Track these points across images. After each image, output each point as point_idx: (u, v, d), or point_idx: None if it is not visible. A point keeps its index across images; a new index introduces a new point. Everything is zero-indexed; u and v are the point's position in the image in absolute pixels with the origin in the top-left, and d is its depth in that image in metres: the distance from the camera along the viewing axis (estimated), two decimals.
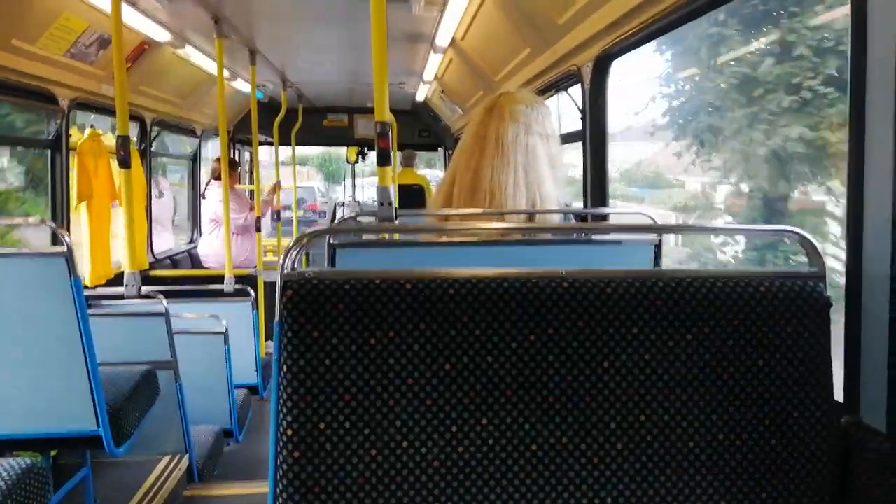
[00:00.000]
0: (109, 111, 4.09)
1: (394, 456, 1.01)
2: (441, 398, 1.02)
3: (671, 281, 1.07)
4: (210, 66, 4.90)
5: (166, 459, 3.03)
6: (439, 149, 8.43)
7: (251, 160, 7.11)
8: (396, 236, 1.71)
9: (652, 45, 2.86)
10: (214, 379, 3.52)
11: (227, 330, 3.54)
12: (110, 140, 4.29)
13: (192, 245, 6.32)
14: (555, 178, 1.73)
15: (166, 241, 6.10)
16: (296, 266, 1.09)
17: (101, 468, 2.85)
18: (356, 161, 9.15)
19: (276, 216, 6.41)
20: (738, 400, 1.07)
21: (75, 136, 4.00)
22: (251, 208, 5.79)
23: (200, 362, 3.38)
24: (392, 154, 2.15)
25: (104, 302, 2.92)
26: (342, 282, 1.03)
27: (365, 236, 1.73)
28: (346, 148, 9.26)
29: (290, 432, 0.99)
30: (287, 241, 4.47)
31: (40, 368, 2.08)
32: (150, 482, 2.84)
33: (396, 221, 1.83)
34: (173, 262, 5.74)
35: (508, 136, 1.68)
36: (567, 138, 2.96)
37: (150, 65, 4.52)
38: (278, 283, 1.03)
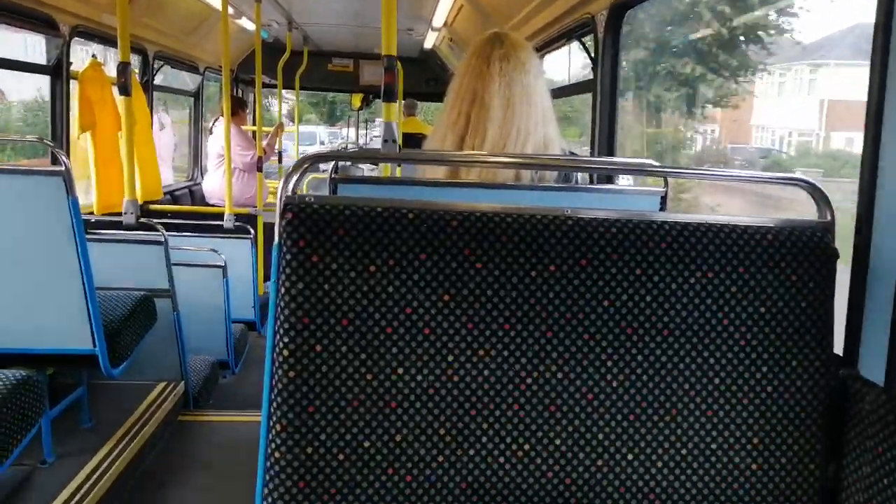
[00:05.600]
0: (111, 41, 4.01)
1: (389, 381, 1.01)
2: (439, 328, 1.01)
3: (676, 225, 1.06)
4: (215, 2, 4.79)
5: (162, 385, 3.07)
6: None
7: (254, 101, 7.02)
8: (399, 173, 1.69)
9: None
10: (212, 311, 3.56)
11: (225, 263, 3.55)
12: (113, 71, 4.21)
13: (193, 182, 6.27)
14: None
15: (166, 177, 6.03)
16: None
17: (98, 390, 2.88)
18: (361, 108, 9.03)
19: (279, 157, 6.38)
20: (738, 346, 1.07)
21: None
22: None
23: (198, 294, 3.40)
24: (399, 93, 2.12)
25: (103, 230, 2.92)
26: (343, 207, 1.01)
27: (368, 173, 1.72)
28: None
29: (286, 353, 0.99)
30: None
31: (37, 285, 2.09)
32: (145, 405, 2.88)
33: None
34: (173, 198, 5.72)
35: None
36: (577, 88, 2.91)
37: None
38: (278, 206, 1.01)
